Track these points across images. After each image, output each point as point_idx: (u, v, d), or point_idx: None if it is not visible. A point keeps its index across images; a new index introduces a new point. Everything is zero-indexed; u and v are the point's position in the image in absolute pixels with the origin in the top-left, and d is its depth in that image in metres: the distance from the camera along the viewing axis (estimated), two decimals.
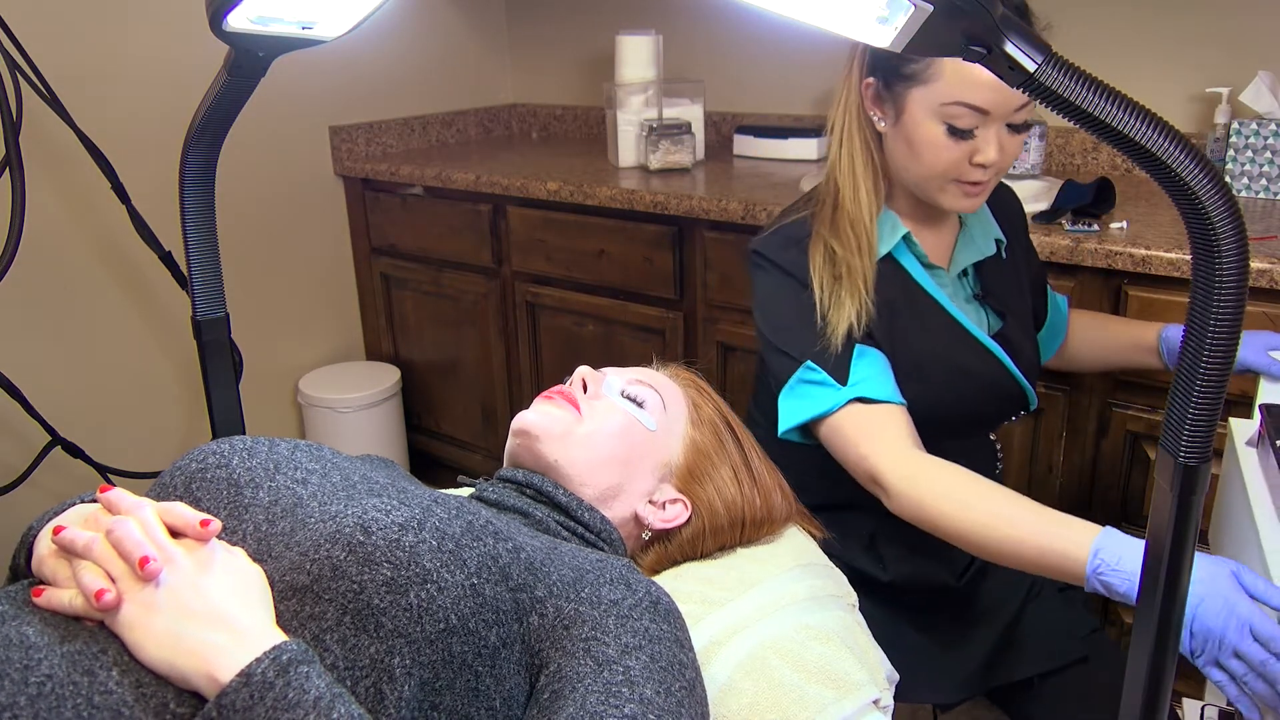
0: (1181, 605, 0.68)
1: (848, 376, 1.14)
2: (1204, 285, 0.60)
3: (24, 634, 0.66)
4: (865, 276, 1.17)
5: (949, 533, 1.05)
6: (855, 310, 1.16)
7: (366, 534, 0.71)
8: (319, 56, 1.36)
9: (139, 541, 0.69)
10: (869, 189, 1.18)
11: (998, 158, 1.12)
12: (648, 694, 0.73)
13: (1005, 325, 1.29)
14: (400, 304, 2.72)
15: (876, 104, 1.17)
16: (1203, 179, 0.58)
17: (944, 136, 1.11)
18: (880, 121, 1.17)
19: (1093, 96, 0.58)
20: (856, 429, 1.13)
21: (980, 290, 1.30)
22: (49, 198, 2.08)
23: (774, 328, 1.21)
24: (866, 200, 1.18)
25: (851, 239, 1.18)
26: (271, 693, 0.62)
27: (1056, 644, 1.29)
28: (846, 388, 1.14)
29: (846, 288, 1.16)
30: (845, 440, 1.14)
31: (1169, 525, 0.65)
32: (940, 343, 1.22)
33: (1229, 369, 0.61)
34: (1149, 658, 0.69)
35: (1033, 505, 1.01)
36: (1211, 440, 0.63)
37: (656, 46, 2.42)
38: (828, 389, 1.15)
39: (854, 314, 1.15)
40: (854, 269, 1.17)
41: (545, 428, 1.00)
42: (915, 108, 1.12)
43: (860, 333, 1.16)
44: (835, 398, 1.14)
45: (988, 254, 1.28)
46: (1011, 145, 1.13)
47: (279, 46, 0.96)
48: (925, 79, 1.10)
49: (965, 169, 1.13)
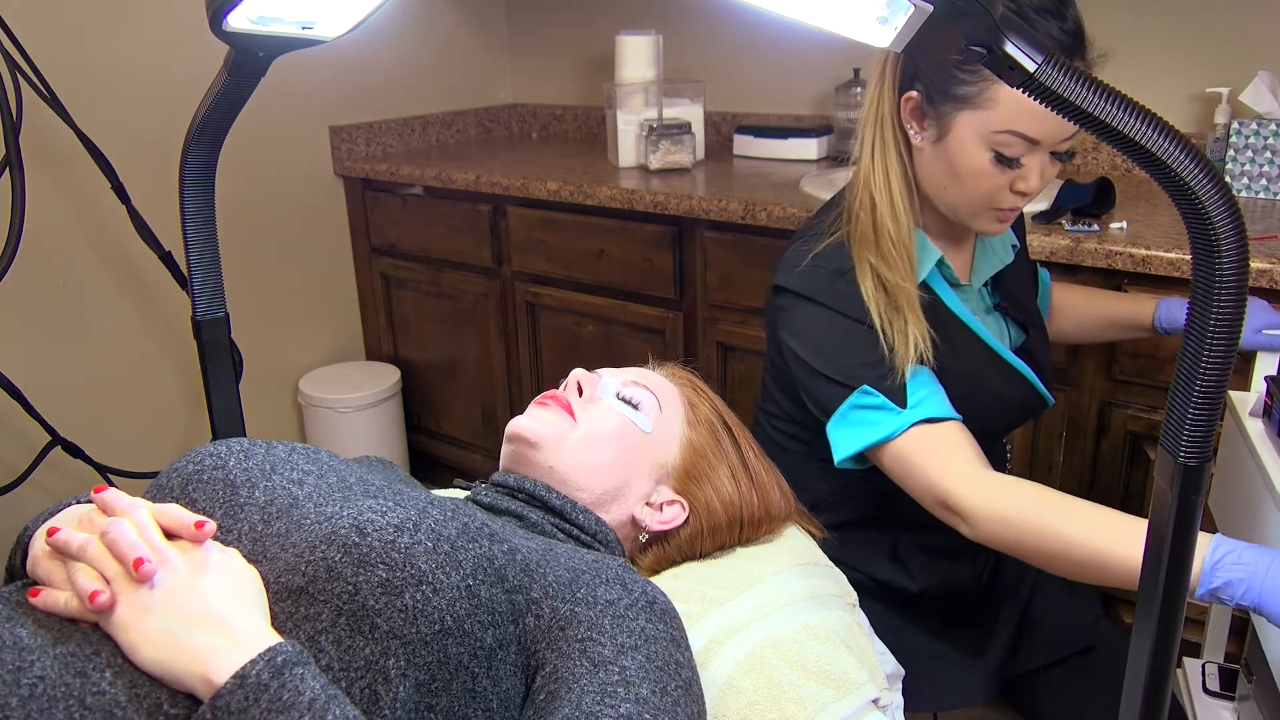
0: (1182, 605, 0.68)
1: (906, 399, 1.09)
2: (1204, 285, 0.60)
3: (17, 636, 0.66)
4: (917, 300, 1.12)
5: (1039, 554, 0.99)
6: (919, 336, 1.10)
7: (362, 535, 0.71)
8: (319, 56, 1.36)
9: (133, 543, 0.68)
10: (905, 206, 1.12)
11: (1039, 186, 1.08)
12: (644, 694, 0.73)
13: (1028, 339, 1.27)
14: (400, 304, 2.72)
15: (916, 118, 1.11)
16: (1203, 179, 0.58)
17: (990, 164, 1.06)
18: (917, 136, 1.12)
19: (1093, 96, 0.58)
20: (923, 452, 1.07)
21: (1000, 301, 1.27)
22: (49, 198, 2.08)
23: (821, 356, 1.14)
24: (905, 219, 1.12)
25: (897, 261, 1.12)
26: (266, 694, 0.62)
27: (1066, 631, 1.30)
28: (908, 410, 1.08)
29: (908, 317, 1.11)
30: (912, 465, 1.07)
31: (1169, 525, 0.65)
32: (972, 368, 1.18)
33: (1229, 369, 0.61)
34: (1149, 657, 0.69)
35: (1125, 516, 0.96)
36: (1211, 440, 0.63)
37: (656, 46, 2.42)
38: (888, 413, 1.08)
39: (919, 339, 1.10)
40: (909, 295, 1.11)
41: (539, 434, 0.99)
42: (964, 130, 1.06)
43: (930, 360, 1.11)
44: (898, 422, 1.08)
45: (1006, 262, 1.25)
46: (1050, 172, 1.09)
47: (279, 46, 0.96)
48: (978, 104, 1.04)
49: (1004, 196, 1.09)
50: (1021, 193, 1.09)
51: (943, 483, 1.04)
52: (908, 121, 1.11)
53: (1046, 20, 1.00)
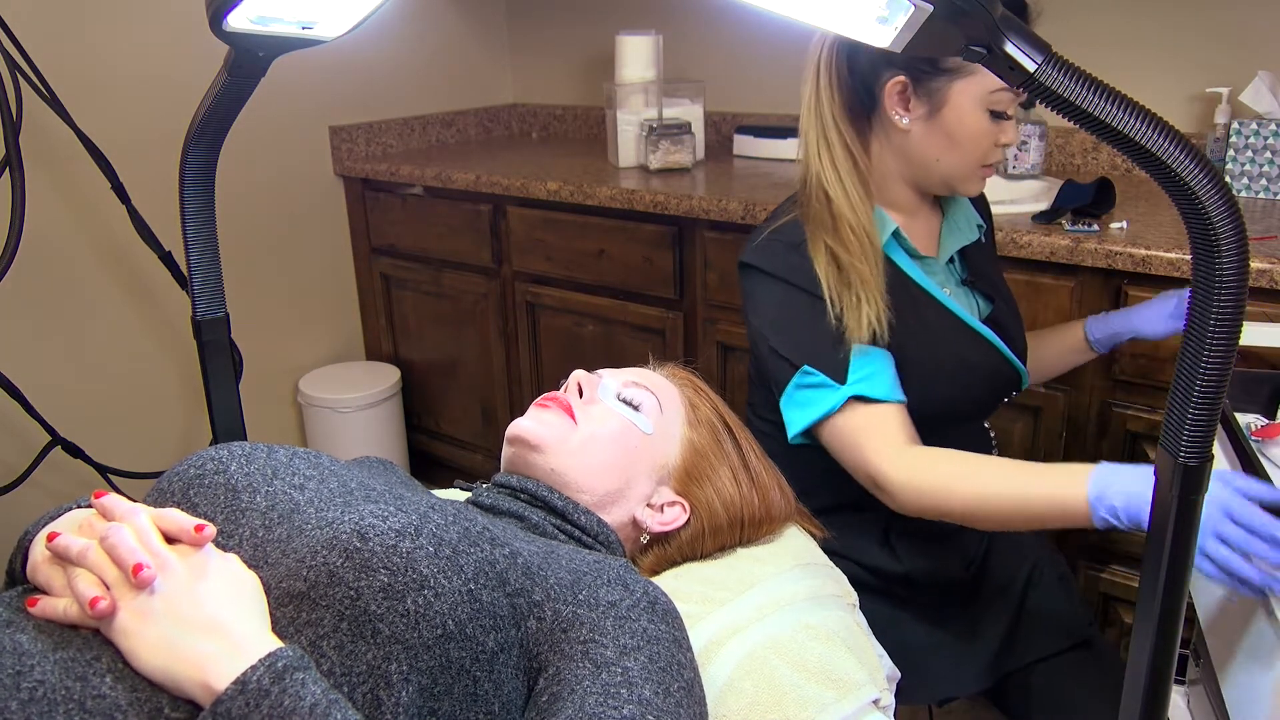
0: (1181, 605, 0.68)
1: (846, 376, 1.13)
2: (1204, 285, 0.60)
3: (17, 641, 0.66)
4: (876, 281, 1.15)
5: (956, 512, 1.06)
6: (874, 314, 1.14)
7: (363, 540, 0.71)
8: (319, 56, 1.36)
9: (133, 548, 0.68)
10: (860, 193, 1.17)
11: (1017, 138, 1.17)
12: (646, 695, 0.73)
13: (995, 309, 1.30)
14: (400, 304, 2.72)
15: (902, 102, 1.15)
16: (1203, 179, 0.58)
17: (988, 123, 1.14)
18: (903, 119, 1.16)
19: (1093, 96, 0.58)
20: (855, 430, 1.12)
21: (968, 275, 1.31)
22: (49, 198, 2.08)
23: (776, 332, 1.19)
24: (860, 204, 1.17)
25: (855, 244, 1.16)
26: (267, 700, 0.62)
27: (1060, 628, 1.31)
28: (845, 387, 1.13)
29: (860, 294, 1.15)
30: (844, 443, 1.13)
31: (1169, 525, 0.65)
32: (939, 336, 1.22)
33: (1229, 369, 0.61)
34: (1149, 657, 0.69)
35: (1024, 463, 1.05)
36: (1212, 440, 0.63)
37: (656, 46, 2.42)
38: (826, 390, 1.14)
39: (874, 318, 1.14)
40: (864, 275, 1.15)
41: (540, 436, 0.99)
42: (961, 99, 1.13)
43: (884, 339, 1.14)
44: (835, 398, 1.13)
45: (971, 239, 1.29)
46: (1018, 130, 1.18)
47: (279, 46, 0.96)
48: (970, 70, 1.11)
49: (993, 152, 1.18)
50: (1005, 145, 1.18)
51: (872, 459, 1.10)
52: (893, 108, 1.16)
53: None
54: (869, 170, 1.19)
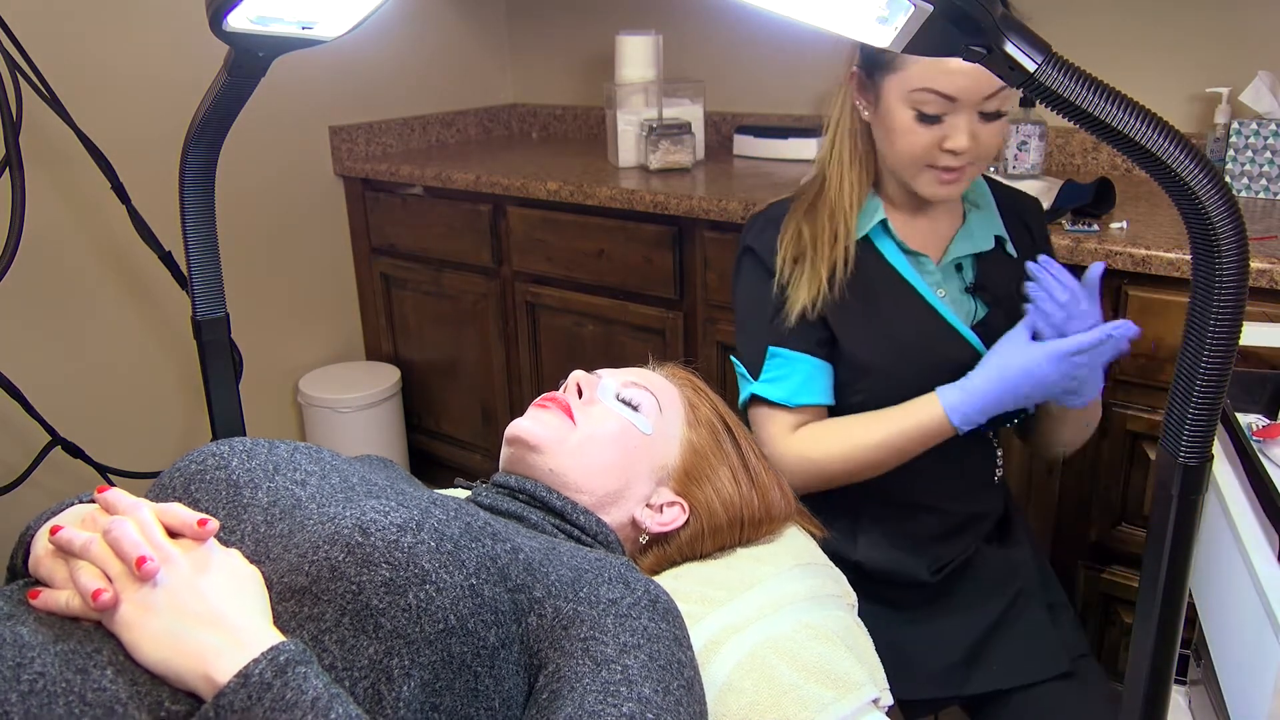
0: (1181, 605, 0.68)
1: (760, 373, 1.25)
2: (1204, 285, 0.60)
3: (18, 633, 0.66)
4: (833, 263, 1.21)
5: (839, 469, 1.20)
6: (813, 293, 1.21)
7: (365, 535, 0.71)
8: (319, 56, 1.36)
9: (136, 542, 0.69)
10: (854, 179, 1.22)
11: (968, 145, 1.13)
12: (646, 693, 0.73)
13: (989, 314, 1.27)
14: (400, 304, 2.72)
15: (861, 92, 1.20)
16: (1203, 179, 0.58)
17: (913, 122, 1.14)
18: (865, 110, 1.20)
19: (1093, 96, 0.58)
20: (756, 419, 1.26)
21: (974, 283, 1.30)
22: (49, 198, 2.08)
23: (739, 305, 1.30)
24: (849, 189, 1.22)
25: (826, 226, 1.22)
26: (269, 693, 0.62)
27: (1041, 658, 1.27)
28: (754, 384, 1.25)
29: (808, 270, 1.22)
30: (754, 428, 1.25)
31: (1169, 525, 0.65)
32: (915, 329, 1.23)
33: (1229, 369, 0.61)
34: (1149, 657, 0.69)
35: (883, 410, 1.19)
36: (1212, 440, 0.63)
37: (656, 46, 2.42)
38: (745, 382, 1.27)
39: (811, 296, 1.21)
40: (820, 253, 1.21)
41: (539, 437, 0.99)
42: (888, 94, 1.15)
43: (815, 314, 1.22)
44: (746, 391, 1.26)
45: (984, 249, 1.28)
46: (986, 134, 1.14)
47: (279, 46, 0.96)
48: (897, 66, 1.13)
49: (937, 155, 1.15)
50: (952, 151, 1.14)
51: (768, 445, 1.22)
52: (856, 97, 1.21)
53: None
54: (871, 160, 1.24)
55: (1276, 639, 0.88)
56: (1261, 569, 0.94)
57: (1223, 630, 1.07)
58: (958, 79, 1.10)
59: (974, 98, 1.11)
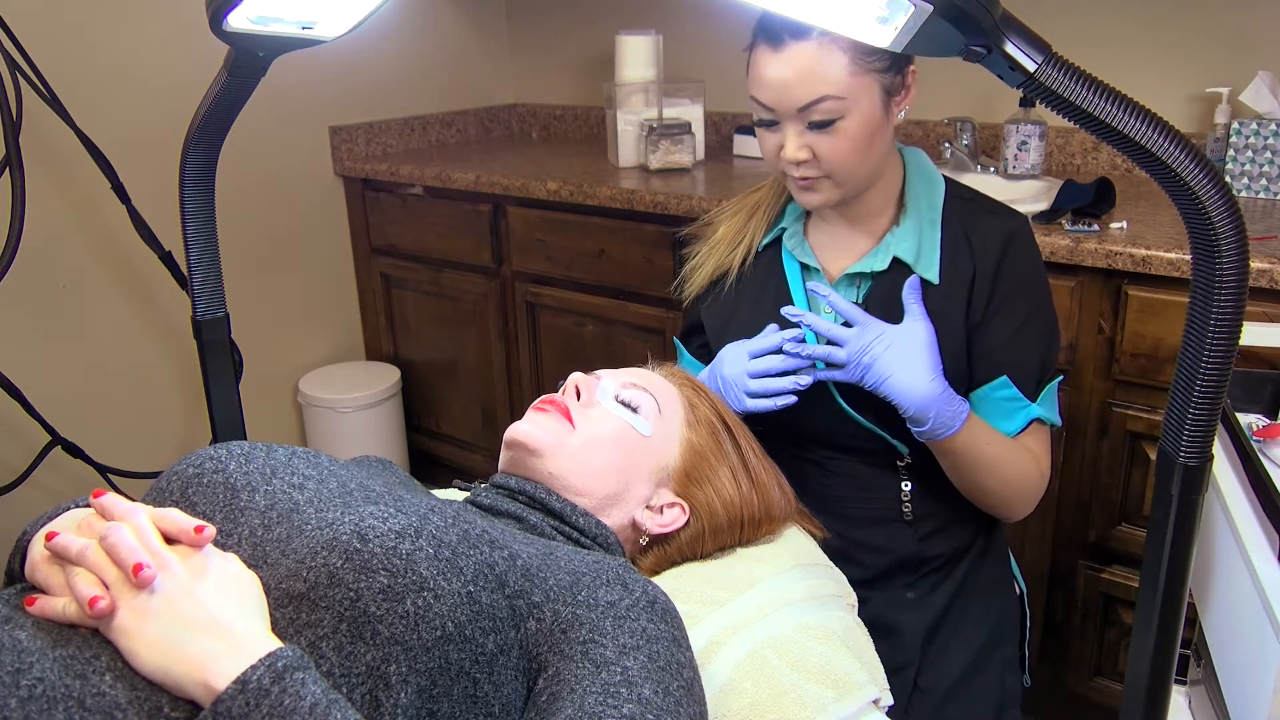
0: (1182, 605, 0.68)
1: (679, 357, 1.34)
2: (1204, 285, 0.60)
3: (16, 638, 0.66)
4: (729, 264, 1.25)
5: None
6: (702, 285, 1.28)
7: (363, 541, 0.70)
8: (319, 56, 1.36)
9: (133, 548, 0.68)
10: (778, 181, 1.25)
11: (799, 155, 1.09)
12: (646, 694, 0.73)
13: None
14: (400, 304, 2.72)
15: None
16: (1203, 179, 0.58)
17: (759, 129, 1.13)
18: None
19: (1093, 96, 0.58)
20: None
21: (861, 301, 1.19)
22: (49, 198, 2.08)
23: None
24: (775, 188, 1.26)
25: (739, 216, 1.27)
26: (267, 700, 0.62)
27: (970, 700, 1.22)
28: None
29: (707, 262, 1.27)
30: None
31: (1169, 525, 0.65)
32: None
33: (1229, 369, 0.61)
34: (1149, 657, 0.69)
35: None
36: (1212, 440, 0.63)
37: (656, 46, 2.42)
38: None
39: (700, 287, 1.28)
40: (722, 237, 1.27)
41: (538, 439, 0.99)
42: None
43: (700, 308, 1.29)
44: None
45: (876, 269, 1.17)
46: (824, 145, 1.08)
47: (279, 46, 0.96)
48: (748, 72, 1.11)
49: (782, 162, 1.12)
50: (786, 159, 1.11)
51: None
52: None
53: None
54: None
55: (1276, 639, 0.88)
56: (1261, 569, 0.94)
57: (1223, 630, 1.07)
58: (767, 90, 1.07)
59: (788, 108, 1.07)
